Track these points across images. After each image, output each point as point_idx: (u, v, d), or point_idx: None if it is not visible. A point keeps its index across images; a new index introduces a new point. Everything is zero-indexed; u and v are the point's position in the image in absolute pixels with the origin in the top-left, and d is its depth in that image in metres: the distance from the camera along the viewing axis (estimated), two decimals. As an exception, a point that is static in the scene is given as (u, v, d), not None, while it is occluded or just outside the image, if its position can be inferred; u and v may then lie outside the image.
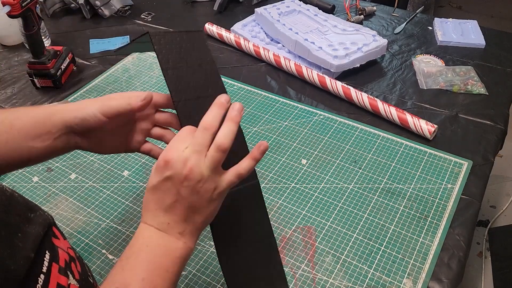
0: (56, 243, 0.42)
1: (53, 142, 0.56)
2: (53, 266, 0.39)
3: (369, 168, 0.84)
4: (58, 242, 0.42)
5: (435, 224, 0.74)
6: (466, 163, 0.84)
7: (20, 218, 0.39)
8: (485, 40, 1.16)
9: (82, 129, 0.56)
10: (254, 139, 0.91)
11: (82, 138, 0.58)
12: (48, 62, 1.03)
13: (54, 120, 0.56)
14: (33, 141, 0.55)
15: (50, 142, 0.56)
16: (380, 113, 0.93)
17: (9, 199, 0.40)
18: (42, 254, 0.39)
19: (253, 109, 0.98)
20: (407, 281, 0.66)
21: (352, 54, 1.05)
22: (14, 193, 0.41)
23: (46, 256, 0.39)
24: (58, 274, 0.39)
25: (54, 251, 0.40)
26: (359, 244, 0.71)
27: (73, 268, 0.43)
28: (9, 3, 0.89)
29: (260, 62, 1.14)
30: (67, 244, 0.44)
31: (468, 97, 1.00)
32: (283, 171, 0.84)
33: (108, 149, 0.61)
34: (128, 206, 0.79)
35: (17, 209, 0.40)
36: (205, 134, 0.46)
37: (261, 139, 0.90)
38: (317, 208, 0.77)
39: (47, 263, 0.39)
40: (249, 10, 1.30)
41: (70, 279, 0.41)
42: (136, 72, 1.12)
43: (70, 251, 0.45)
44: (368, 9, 1.31)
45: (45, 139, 0.56)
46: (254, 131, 0.92)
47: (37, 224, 0.40)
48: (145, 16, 1.35)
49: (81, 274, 0.44)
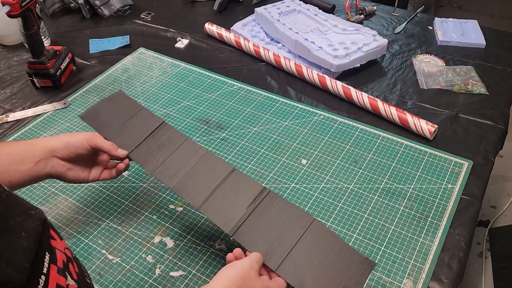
0: (53, 244, 0.42)
1: (34, 166, 0.64)
2: (52, 267, 0.39)
3: (369, 168, 0.84)
4: (55, 243, 0.42)
5: (435, 224, 0.73)
6: (466, 163, 0.84)
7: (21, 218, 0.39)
8: (485, 40, 1.16)
9: (63, 154, 0.66)
10: (254, 139, 0.90)
11: (59, 164, 0.66)
12: (47, 62, 1.03)
13: (40, 145, 0.65)
14: (18, 164, 0.62)
15: (31, 165, 0.63)
16: (381, 113, 0.93)
17: (8, 197, 0.40)
18: (42, 255, 0.39)
19: (253, 109, 0.98)
20: (407, 281, 0.66)
21: (352, 54, 1.04)
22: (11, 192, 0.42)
23: (46, 257, 0.39)
24: (57, 275, 0.39)
25: (52, 253, 0.40)
26: (359, 244, 0.71)
27: (71, 268, 0.43)
28: (9, 3, 0.89)
29: (260, 62, 1.14)
30: (63, 245, 0.44)
31: (469, 97, 1.00)
32: (283, 171, 0.83)
33: (77, 178, 0.69)
34: (128, 206, 0.79)
35: (17, 209, 0.40)
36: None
37: (261, 139, 0.90)
38: (317, 208, 0.77)
39: (47, 264, 0.39)
40: (249, 9, 1.30)
41: (69, 279, 0.41)
42: (136, 72, 1.12)
43: (67, 251, 0.45)
44: (369, 8, 1.30)
45: (27, 162, 0.63)
46: (254, 131, 0.92)
47: (36, 219, 0.41)
48: (144, 16, 1.35)
49: (78, 274, 0.45)
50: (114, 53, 1.19)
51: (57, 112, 1.00)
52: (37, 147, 0.65)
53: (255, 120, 0.95)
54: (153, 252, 0.71)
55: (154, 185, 0.82)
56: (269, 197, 0.63)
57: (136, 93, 1.04)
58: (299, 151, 0.87)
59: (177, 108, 0.99)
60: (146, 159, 0.69)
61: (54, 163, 0.66)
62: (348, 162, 0.85)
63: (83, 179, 0.70)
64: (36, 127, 0.96)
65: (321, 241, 0.59)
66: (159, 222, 0.76)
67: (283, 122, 0.94)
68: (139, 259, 0.70)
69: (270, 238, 0.59)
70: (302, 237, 0.59)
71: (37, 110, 1.00)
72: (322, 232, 0.60)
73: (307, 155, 0.87)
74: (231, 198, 0.63)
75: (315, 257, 0.57)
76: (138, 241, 0.73)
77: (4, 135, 0.94)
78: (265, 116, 0.96)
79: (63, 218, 0.77)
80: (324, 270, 0.56)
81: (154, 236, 0.74)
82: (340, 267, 0.57)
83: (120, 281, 0.67)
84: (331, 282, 0.55)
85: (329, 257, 0.57)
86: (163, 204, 0.79)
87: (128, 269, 0.69)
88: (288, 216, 0.61)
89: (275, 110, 0.98)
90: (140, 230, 0.75)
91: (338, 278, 0.56)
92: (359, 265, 0.57)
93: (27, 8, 0.93)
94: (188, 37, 1.24)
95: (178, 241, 0.73)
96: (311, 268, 0.57)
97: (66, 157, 0.66)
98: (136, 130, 0.72)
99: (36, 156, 0.64)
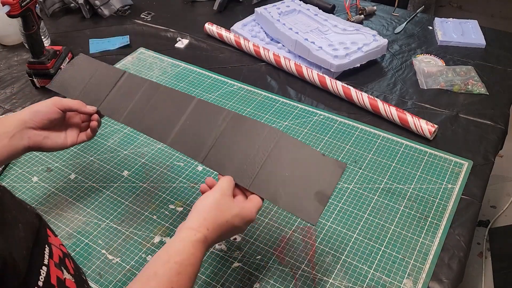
0: (49, 240, 0.43)
1: (10, 141, 0.64)
2: (50, 261, 0.40)
3: (369, 168, 0.84)
4: (51, 239, 0.43)
5: (435, 224, 0.73)
6: (466, 163, 0.84)
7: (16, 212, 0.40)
8: (485, 40, 1.16)
9: (36, 123, 0.66)
10: (254, 139, 0.90)
11: (34, 134, 0.67)
12: (47, 62, 1.03)
13: (10, 119, 0.66)
14: None
15: (6, 141, 0.64)
16: (380, 113, 0.93)
17: (3, 193, 0.41)
18: (43, 247, 0.40)
19: (253, 109, 0.98)
20: (407, 281, 0.66)
21: (352, 54, 1.04)
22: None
23: (46, 249, 0.40)
24: (56, 269, 0.40)
25: (50, 248, 0.41)
26: (359, 244, 0.71)
27: (67, 263, 0.45)
28: (9, 3, 0.89)
29: (260, 62, 1.14)
30: (58, 241, 0.45)
31: (469, 97, 1.00)
32: (283, 171, 0.83)
33: (55, 145, 0.70)
34: (128, 206, 0.79)
35: (13, 203, 0.40)
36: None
37: (261, 139, 0.90)
38: (317, 208, 0.77)
39: (47, 256, 0.39)
40: (249, 9, 1.30)
41: (65, 274, 0.42)
42: (136, 72, 1.12)
43: (62, 247, 0.46)
44: (369, 8, 1.30)
45: (1, 138, 0.64)
46: (254, 131, 0.92)
47: (31, 212, 0.42)
48: (144, 16, 1.35)
49: (74, 269, 0.46)
50: (114, 53, 1.19)
51: (57, 112, 1.00)
52: (8, 123, 0.66)
53: (255, 120, 0.95)
54: (153, 252, 0.71)
55: (154, 185, 0.82)
56: (234, 119, 0.64)
57: (136, 93, 1.04)
58: (299, 151, 0.87)
59: (177, 108, 0.99)
60: (114, 110, 0.72)
61: (30, 134, 0.67)
62: (348, 162, 0.85)
63: (62, 145, 0.71)
64: (36, 127, 0.96)
65: (290, 153, 0.60)
66: (159, 222, 0.76)
67: (283, 122, 0.94)
68: (139, 259, 0.70)
69: (240, 158, 0.61)
70: (271, 152, 0.60)
71: (37, 110, 1.00)
72: (290, 144, 0.61)
73: (307, 155, 0.87)
74: (198, 128, 0.65)
75: (286, 169, 0.59)
76: (138, 241, 0.73)
77: (4, 135, 0.94)
78: (265, 116, 0.96)
79: (63, 218, 0.77)
80: (295, 180, 0.58)
81: (154, 236, 0.74)
82: (311, 174, 0.58)
83: (120, 281, 0.67)
84: (304, 189, 0.57)
85: (300, 166, 0.59)
86: (163, 204, 0.79)
87: (128, 269, 0.69)
88: (254, 134, 0.62)
89: (275, 110, 0.98)
90: (140, 230, 0.75)
91: (310, 184, 0.58)
92: (330, 168, 0.58)
93: (27, 8, 0.93)
94: (188, 37, 1.24)
95: (178, 241, 0.73)
96: (283, 180, 0.58)
97: (39, 125, 0.67)
98: (100, 86, 0.74)
99: (10, 131, 0.65)
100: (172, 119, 0.67)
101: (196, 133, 0.65)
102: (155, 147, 0.90)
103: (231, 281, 0.67)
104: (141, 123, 0.69)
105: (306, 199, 0.57)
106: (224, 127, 0.64)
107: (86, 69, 0.77)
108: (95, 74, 0.76)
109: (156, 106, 0.69)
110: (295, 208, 0.57)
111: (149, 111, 0.70)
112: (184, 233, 0.53)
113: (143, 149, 0.89)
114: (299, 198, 0.57)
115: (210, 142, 0.63)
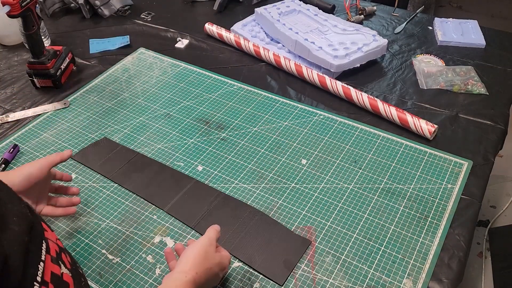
0: (46, 235, 0.43)
1: None
2: (46, 256, 0.40)
3: (369, 168, 0.84)
4: (47, 234, 0.43)
5: (435, 224, 0.73)
6: (466, 163, 0.84)
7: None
8: (485, 40, 1.16)
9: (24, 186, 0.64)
10: (254, 139, 0.90)
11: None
12: (47, 62, 1.03)
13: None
14: None
15: None
16: (380, 113, 0.93)
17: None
18: (40, 242, 0.40)
19: (253, 109, 0.98)
20: (407, 281, 0.66)
21: (352, 54, 1.04)
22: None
23: (43, 245, 0.40)
24: (52, 264, 0.41)
25: (46, 243, 0.42)
26: (359, 244, 0.71)
27: (64, 258, 0.45)
28: (9, 3, 0.89)
29: (260, 62, 1.14)
30: (55, 236, 0.46)
31: (468, 97, 1.00)
32: (283, 171, 0.84)
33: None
34: (128, 206, 0.79)
35: (7, 196, 0.41)
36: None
37: (261, 139, 0.90)
38: (317, 208, 0.77)
39: (44, 251, 0.40)
40: (249, 10, 1.30)
41: (62, 268, 0.42)
42: (136, 72, 1.12)
43: (59, 242, 0.46)
44: (368, 9, 1.30)
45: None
46: (254, 131, 0.92)
47: (24, 205, 0.42)
48: (145, 16, 1.35)
49: (71, 264, 0.46)
50: (114, 53, 1.19)
51: (57, 112, 1.00)
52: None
53: (255, 120, 0.95)
54: (153, 252, 0.71)
55: (154, 185, 0.82)
56: (224, 199, 0.78)
57: (136, 93, 1.04)
58: (299, 151, 0.87)
59: (177, 108, 0.99)
60: (124, 179, 0.83)
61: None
62: (348, 162, 0.85)
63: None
64: (36, 127, 0.96)
65: (266, 228, 0.73)
66: (159, 222, 0.76)
67: (283, 122, 0.94)
68: (139, 259, 0.70)
69: (225, 229, 0.71)
70: (250, 226, 0.74)
71: (37, 110, 1.00)
72: (266, 221, 0.74)
73: (307, 155, 0.87)
74: (192, 202, 0.78)
75: (261, 240, 0.72)
76: (138, 241, 0.73)
77: (4, 135, 0.94)
78: (265, 116, 0.96)
79: (63, 218, 0.77)
80: (268, 248, 0.71)
81: (154, 236, 0.74)
82: (281, 246, 0.71)
83: (120, 281, 0.67)
84: (274, 257, 0.69)
85: (273, 239, 0.72)
86: (163, 204, 0.79)
87: (128, 269, 0.69)
88: (238, 212, 0.76)
89: (275, 110, 0.98)
90: (140, 230, 0.75)
91: (280, 253, 0.70)
92: (298, 242, 0.71)
93: (27, 8, 0.93)
94: (188, 37, 1.24)
95: (178, 241, 0.73)
96: (258, 248, 0.71)
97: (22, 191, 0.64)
98: (116, 161, 0.87)
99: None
100: (171, 193, 0.80)
101: (191, 206, 0.78)
102: (155, 147, 0.90)
103: (231, 281, 0.67)
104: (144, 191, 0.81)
105: (276, 265, 0.68)
106: (214, 204, 0.77)
107: (106, 147, 0.90)
108: (113, 151, 0.89)
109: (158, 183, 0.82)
110: (266, 271, 0.68)
111: (153, 183, 0.82)
112: (176, 275, 0.57)
113: (143, 149, 0.89)
114: (271, 263, 0.69)
115: (201, 214, 0.76)
